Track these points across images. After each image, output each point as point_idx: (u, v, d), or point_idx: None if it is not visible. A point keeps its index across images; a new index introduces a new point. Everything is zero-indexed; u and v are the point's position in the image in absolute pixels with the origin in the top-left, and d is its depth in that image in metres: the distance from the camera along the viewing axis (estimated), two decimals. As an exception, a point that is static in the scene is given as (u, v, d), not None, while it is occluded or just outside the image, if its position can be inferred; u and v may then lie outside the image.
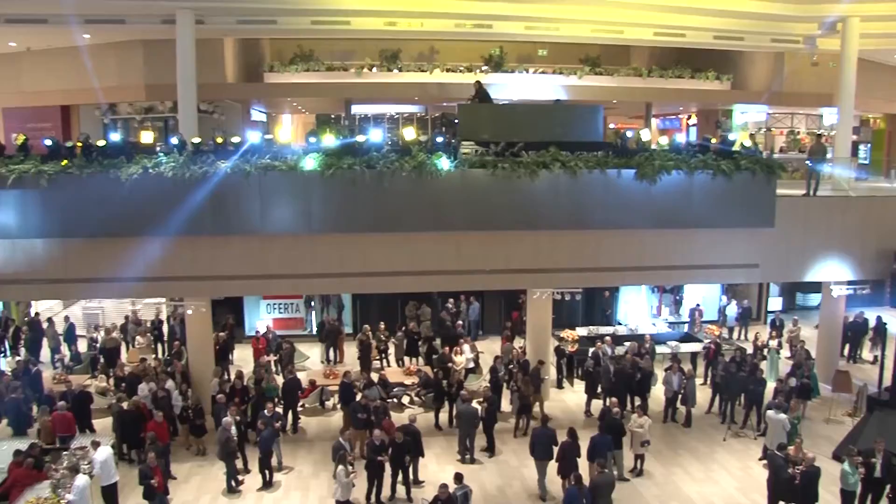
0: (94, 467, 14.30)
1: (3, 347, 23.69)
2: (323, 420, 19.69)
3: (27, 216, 15.95)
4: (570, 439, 15.29)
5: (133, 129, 28.31)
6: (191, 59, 20.67)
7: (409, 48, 31.37)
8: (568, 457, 15.08)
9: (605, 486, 14.14)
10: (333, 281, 17.66)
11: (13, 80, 28.97)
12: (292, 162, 16.05)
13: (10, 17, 22.01)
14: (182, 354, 20.59)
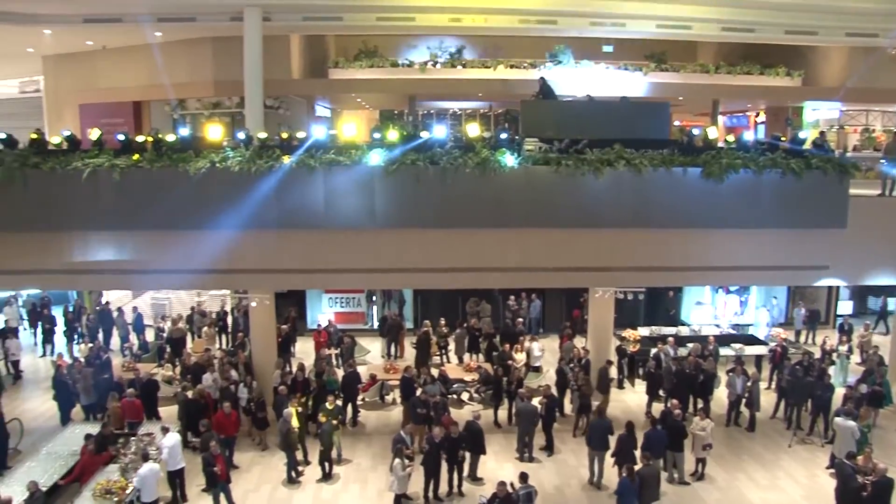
0: (161, 453, 14.69)
1: (76, 335, 24.41)
2: (382, 414, 19.83)
3: (100, 209, 16.41)
4: (627, 432, 15.35)
5: (201, 124, 28.88)
6: (258, 56, 21.04)
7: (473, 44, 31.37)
8: (624, 449, 15.10)
9: (651, 477, 14.24)
10: (395, 276, 17.77)
11: (89, 78, 29.88)
12: (356, 157, 16.19)
13: (87, 16, 22.76)
14: (245, 346, 20.98)
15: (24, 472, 14.46)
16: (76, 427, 16.86)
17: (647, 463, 14.30)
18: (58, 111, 31.29)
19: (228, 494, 14.67)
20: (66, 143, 17.33)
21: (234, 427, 16.44)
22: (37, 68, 31.74)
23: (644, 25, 24.58)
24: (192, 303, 25.89)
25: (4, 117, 35.44)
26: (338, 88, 30.64)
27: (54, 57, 30.51)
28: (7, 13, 22.63)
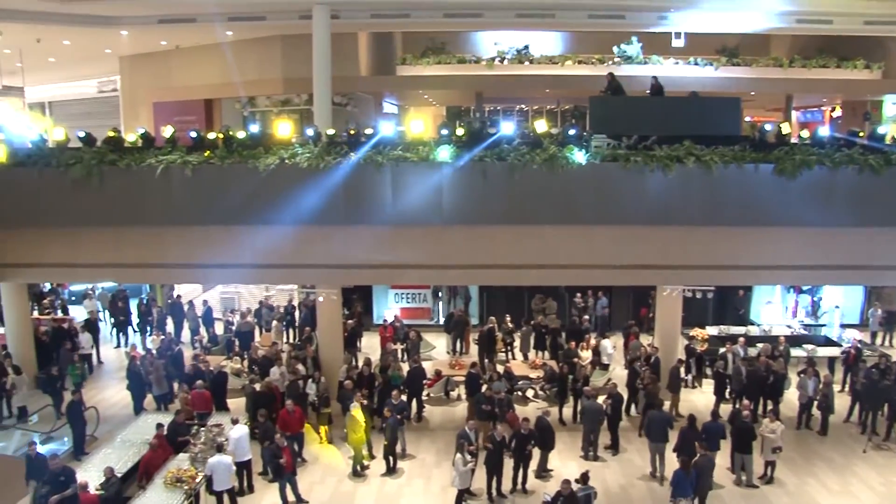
0: (229, 444, 14.97)
1: (148, 328, 25.07)
2: (447, 410, 19.87)
3: (172, 204, 16.82)
4: (689, 425, 15.33)
5: (270, 121, 29.35)
6: (326, 54, 21.26)
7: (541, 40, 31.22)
8: (687, 442, 15.04)
9: (707, 468, 14.32)
10: (461, 272, 17.78)
11: (163, 77, 30.66)
12: (423, 153, 16.24)
13: (162, 17, 23.38)
14: (312, 340, 21.24)
15: (101, 458, 14.97)
16: (148, 416, 17.36)
17: (703, 453, 14.32)
18: (133, 109, 32.20)
19: (295, 486, 14.88)
20: (141, 140, 17.79)
21: (298, 424, 16.47)
22: (114, 68, 32.74)
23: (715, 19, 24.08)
24: (260, 297, 26.32)
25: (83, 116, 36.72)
26: (405, 85, 30.83)
27: (130, 57, 31.41)
28: (88, 16, 23.41)
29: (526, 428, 15.18)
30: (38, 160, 17.18)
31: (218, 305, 26.72)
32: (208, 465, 13.99)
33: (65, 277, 23.32)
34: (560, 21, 24.70)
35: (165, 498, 13.29)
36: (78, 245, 17.86)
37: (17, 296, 20.50)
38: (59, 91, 38.36)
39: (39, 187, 17.10)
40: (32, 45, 25.81)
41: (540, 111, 39.06)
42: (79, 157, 16.97)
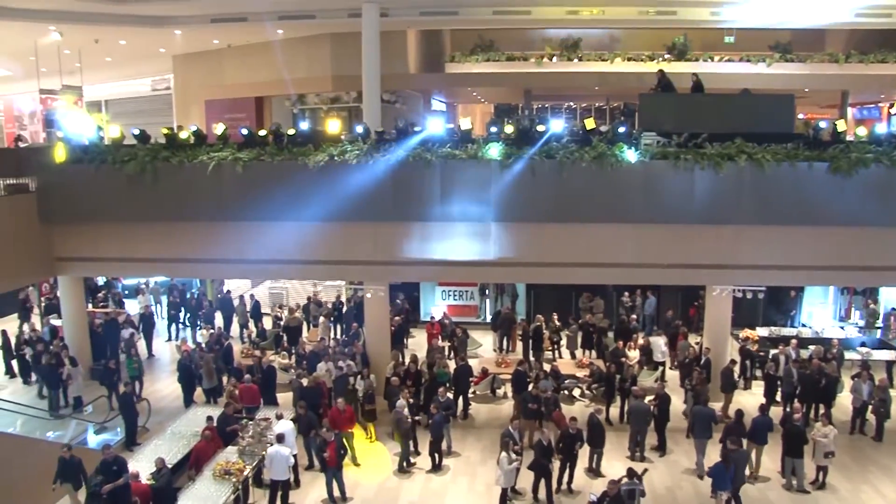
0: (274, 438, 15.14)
1: (198, 321, 25.47)
2: (493, 408, 19.84)
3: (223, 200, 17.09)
4: (736, 421, 15.26)
5: (320, 118, 29.60)
6: (375, 51, 21.35)
7: (589, 37, 30.95)
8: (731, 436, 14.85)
9: (740, 461, 14.38)
10: (509, 270, 17.71)
11: (215, 75, 31.13)
12: (472, 151, 16.24)
13: (215, 17, 23.75)
14: (360, 336, 21.36)
15: (152, 449, 15.24)
16: (198, 409, 17.60)
17: (737, 448, 14.30)
18: (185, 107, 32.73)
19: (340, 481, 14.98)
20: (193, 137, 18.09)
21: (348, 423, 16.40)
22: (167, 67, 33.32)
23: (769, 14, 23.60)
24: (308, 292, 26.55)
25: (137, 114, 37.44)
26: (454, 82, 30.86)
27: (183, 56, 31.91)
28: (143, 16, 23.89)
29: (574, 427, 15.08)
30: (95, 157, 17.61)
31: (266, 300, 27.00)
32: (267, 455, 14.19)
33: (119, 271, 23.80)
34: (610, 18, 24.48)
35: (214, 490, 13.45)
36: (132, 240, 18.26)
37: (74, 289, 21.00)
38: (114, 89, 39.14)
39: (96, 183, 17.53)
40: (91, 46, 26.40)
41: (588, 108, 38.81)
42: (133, 154, 17.38)
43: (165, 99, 36.39)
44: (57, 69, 27.23)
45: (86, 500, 13.40)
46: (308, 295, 26.12)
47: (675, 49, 29.26)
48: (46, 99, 27.85)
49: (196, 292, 26.44)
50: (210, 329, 23.33)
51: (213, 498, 13.19)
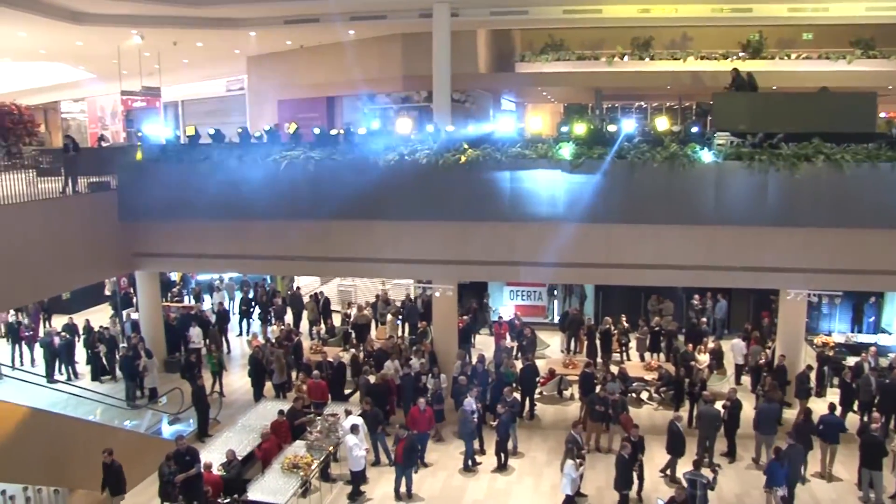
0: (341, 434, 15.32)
1: (269, 317, 25.91)
2: (560, 409, 19.71)
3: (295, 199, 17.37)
4: (805, 418, 15.14)
5: (390, 117, 29.82)
6: (446, 51, 21.42)
7: (661, 36, 30.50)
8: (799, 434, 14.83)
9: (796, 458, 14.27)
10: (577, 271, 17.63)
11: (288, 75, 31.64)
12: (542, 150, 16.17)
13: (288, 18, 24.13)
14: (427, 335, 21.46)
15: (223, 441, 15.56)
16: (268, 403, 17.90)
17: (791, 443, 14.22)
18: (258, 107, 33.36)
19: (409, 478, 15.09)
20: (266, 136, 18.43)
21: (427, 424, 16.28)
22: (241, 68, 34.00)
23: (850, 9, 22.84)
24: (377, 290, 26.78)
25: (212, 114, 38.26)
26: (524, 82, 30.75)
27: (257, 57, 32.53)
28: (220, 19, 24.44)
29: (636, 435, 14.80)
30: (172, 156, 18.09)
31: (336, 298, 27.31)
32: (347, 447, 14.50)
33: (193, 267, 24.43)
34: (683, 16, 24.07)
35: (282, 482, 13.70)
36: (206, 237, 18.77)
37: (150, 284, 21.62)
38: (190, 90, 40.10)
39: (172, 181, 18.02)
40: (169, 48, 27.14)
41: (659, 108, 38.26)
42: (208, 153, 17.78)
43: (239, 99, 37.12)
44: (137, 71, 28.06)
45: (159, 488, 13.75)
46: (377, 293, 26.33)
47: (750, 47, 28.60)
48: (127, 100, 28.71)
49: (267, 289, 26.91)
50: (281, 325, 23.71)
51: (281, 490, 13.43)
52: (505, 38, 31.27)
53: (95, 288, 26.24)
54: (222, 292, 27.30)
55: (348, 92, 30.93)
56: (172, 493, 13.60)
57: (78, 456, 14.45)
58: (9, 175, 16.29)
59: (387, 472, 15.67)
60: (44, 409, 14.37)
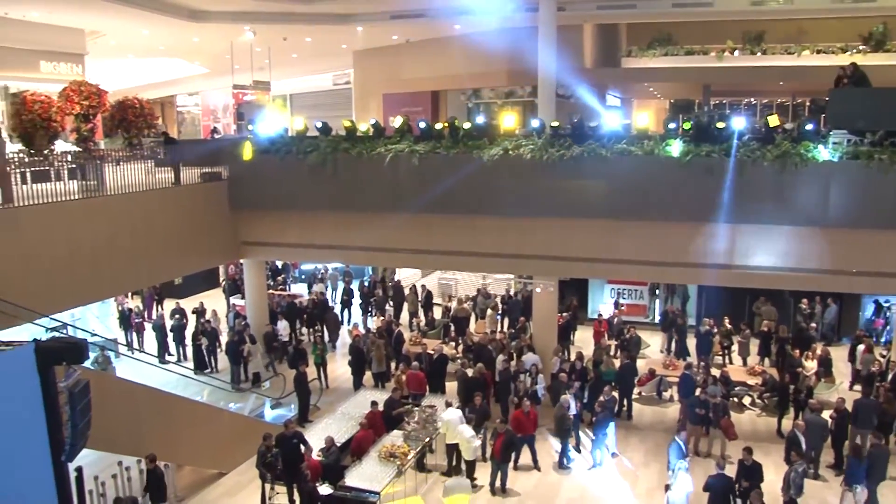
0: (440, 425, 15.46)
1: (370, 308, 26.33)
2: (658, 410, 19.38)
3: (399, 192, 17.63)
4: None
5: (494, 112, 29.83)
6: (551, 46, 21.22)
7: (774, 29, 29.43)
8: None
9: (880, 458, 13.90)
10: (681, 270, 17.20)
11: (393, 69, 32.00)
12: (649, 147, 15.90)
13: (394, 13, 24.42)
14: (527, 330, 21.41)
15: (322, 427, 15.93)
16: (367, 392, 18.20)
17: (876, 443, 13.90)
18: (364, 101, 33.87)
19: (504, 473, 15.16)
20: (372, 129, 18.73)
21: (532, 426, 15.98)
22: (348, 62, 34.58)
23: None
24: (477, 284, 26.86)
25: (319, 107, 39.08)
26: (630, 77, 30.29)
27: (363, 52, 33.02)
28: (329, 14, 24.95)
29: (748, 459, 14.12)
30: (281, 148, 18.61)
31: (436, 290, 27.52)
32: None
33: (299, 257, 25.03)
34: (798, 7, 23.19)
35: (379, 470, 13.93)
36: (311, 227, 19.23)
37: (257, 272, 22.29)
38: (298, 84, 41.06)
39: (280, 173, 18.55)
40: (279, 44, 27.88)
41: (770, 105, 37.01)
42: (315, 146, 18.23)
43: (345, 93, 37.80)
44: (248, 66, 28.91)
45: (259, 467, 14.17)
46: (477, 287, 26.41)
47: (873, 39, 27.28)
48: (238, 94, 29.64)
49: (368, 280, 27.35)
50: (381, 316, 24.07)
51: (377, 478, 13.65)
52: (611, 33, 30.84)
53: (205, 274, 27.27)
54: (323, 284, 27.88)
55: (452, 86, 31.09)
56: (272, 474, 14.01)
57: (186, 433, 15.09)
58: (130, 165, 17.16)
59: (482, 466, 15.70)
60: (156, 388, 14.99)
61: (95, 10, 20.07)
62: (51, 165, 16.60)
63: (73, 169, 16.68)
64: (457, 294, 26.18)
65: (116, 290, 19.62)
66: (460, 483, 14.23)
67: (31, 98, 17.55)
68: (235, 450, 16.06)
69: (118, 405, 12.87)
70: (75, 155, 17.29)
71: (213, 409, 16.81)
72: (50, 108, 17.64)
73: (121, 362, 20.18)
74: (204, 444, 15.51)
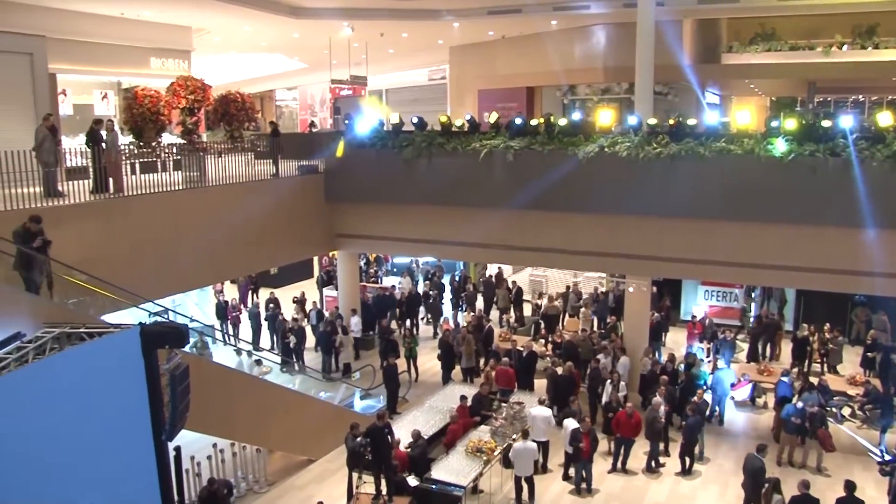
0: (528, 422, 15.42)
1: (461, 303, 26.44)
2: (751, 417, 18.84)
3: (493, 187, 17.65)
4: None
5: (589, 109, 29.52)
6: (650, 42, 20.81)
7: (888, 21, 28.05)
8: None
9: None
10: (778, 273, 16.65)
11: (489, 65, 32.04)
12: (749, 146, 15.48)
13: (491, 9, 24.45)
14: (617, 330, 21.15)
15: (410, 419, 16.07)
16: (455, 387, 18.28)
17: None
18: (459, 96, 34.00)
19: (589, 473, 15.04)
20: (467, 125, 18.81)
21: (633, 430, 15.63)
22: (443, 58, 34.82)
23: None
24: (568, 282, 26.66)
25: (414, 102, 39.48)
26: (731, 74, 29.45)
27: (459, 47, 33.16)
28: (426, 10, 25.18)
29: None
30: (376, 141, 18.89)
31: (527, 287, 27.43)
32: (513, 451, 14.51)
33: (391, 250, 25.32)
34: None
35: (465, 464, 13.99)
36: (405, 221, 19.47)
37: (350, 264, 22.67)
38: (394, 79, 41.54)
39: (375, 166, 18.83)
40: (376, 39, 28.28)
41: (879, 101, 35.38)
42: (411, 140, 18.42)
43: (440, 88, 38.03)
44: (346, 61, 29.43)
45: (348, 458, 14.40)
46: (568, 284, 26.20)
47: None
48: (336, 88, 30.18)
49: (458, 275, 27.46)
50: (472, 311, 24.14)
51: (463, 472, 13.72)
52: (711, 28, 29.99)
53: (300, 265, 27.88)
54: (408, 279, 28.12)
55: (548, 82, 30.90)
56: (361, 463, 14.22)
57: (278, 420, 15.46)
58: (231, 157, 17.73)
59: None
60: (250, 374, 15.43)
61: (203, 8, 20.83)
62: (157, 157, 17.36)
63: (178, 160, 17.38)
64: (547, 291, 26.02)
65: (216, 277, 20.33)
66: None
67: (142, 93, 18.40)
68: (324, 438, 16.40)
69: (214, 389, 13.29)
70: (180, 147, 17.99)
71: (304, 398, 17.18)
72: (158, 103, 18.45)
73: (216, 348, 20.87)
74: (294, 431, 15.87)
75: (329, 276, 26.82)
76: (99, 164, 14.71)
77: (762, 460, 13.40)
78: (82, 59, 21.00)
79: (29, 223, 11.44)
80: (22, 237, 11.37)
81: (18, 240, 11.35)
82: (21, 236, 11.38)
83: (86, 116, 19.75)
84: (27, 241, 11.32)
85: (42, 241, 11.40)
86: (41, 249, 11.39)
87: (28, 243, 11.30)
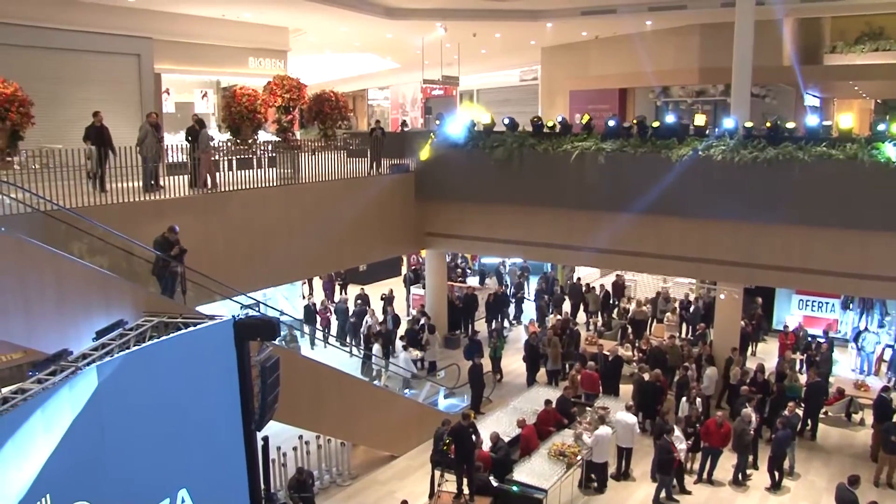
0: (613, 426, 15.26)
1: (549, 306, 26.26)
2: (846, 434, 18.15)
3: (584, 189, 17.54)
4: None
5: (683, 111, 28.96)
6: (748, 42, 20.27)
7: None
8: None
9: None
10: (883, 284, 16.00)
11: (581, 66, 31.74)
12: (852, 151, 14.93)
13: (585, 9, 24.28)
14: (706, 337, 20.69)
15: (493, 419, 16.08)
16: (539, 389, 18.20)
17: None
18: (550, 97, 33.77)
19: (681, 481, 14.89)
20: (559, 126, 18.72)
21: (722, 440, 15.35)
22: (535, 58, 34.63)
23: None
24: (657, 287, 26.23)
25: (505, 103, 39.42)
26: (834, 75, 28.38)
27: (551, 48, 32.95)
28: (519, 11, 25.15)
29: None
30: (468, 141, 18.99)
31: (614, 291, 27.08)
32: (594, 436, 14.52)
33: (479, 250, 25.35)
34: None
35: (548, 468, 13.93)
36: (493, 221, 19.51)
37: (438, 263, 22.85)
38: (485, 80, 41.57)
39: (466, 166, 18.93)
40: (469, 40, 28.35)
41: None
42: (502, 141, 18.47)
43: (531, 89, 37.82)
44: (438, 61, 29.61)
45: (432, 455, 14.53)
46: (657, 289, 25.79)
47: None
48: (427, 88, 30.38)
49: (548, 277, 27.32)
50: (558, 314, 24.00)
51: (546, 475, 13.66)
52: (813, 28, 28.96)
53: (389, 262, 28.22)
54: (504, 276, 28.11)
55: (641, 84, 30.42)
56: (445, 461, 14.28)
57: (362, 414, 15.69)
58: (324, 155, 18.11)
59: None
60: (338, 369, 15.70)
61: (301, 9, 21.30)
62: (253, 154, 17.88)
63: (273, 157, 17.86)
64: (635, 296, 25.65)
65: (306, 272, 20.82)
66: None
67: (240, 91, 18.95)
68: (408, 434, 16.59)
69: (302, 382, 13.60)
70: (275, 145, 18.48)
71: (389, 394, 17.44)
72: (255, 101, 18.96)
73: (305, 341, 21.31)
74: (378, 427, 16.10)
75: (416, 274, 27.06)
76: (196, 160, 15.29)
77: (854, 493, 12.79)
78: (185, 59, 21.75)
79: (168, 233, 12.31)
80: (161, 245, 12.24)
81: (158, 248, 12.24)
82: (161, 245, 12.25)
83: (186, 114, 20.46)
84: (166, 249, 12.20)
85: (179, 250, 12.31)
86: (178, 257, 12.29)
87: (167, 251, 12.19)
